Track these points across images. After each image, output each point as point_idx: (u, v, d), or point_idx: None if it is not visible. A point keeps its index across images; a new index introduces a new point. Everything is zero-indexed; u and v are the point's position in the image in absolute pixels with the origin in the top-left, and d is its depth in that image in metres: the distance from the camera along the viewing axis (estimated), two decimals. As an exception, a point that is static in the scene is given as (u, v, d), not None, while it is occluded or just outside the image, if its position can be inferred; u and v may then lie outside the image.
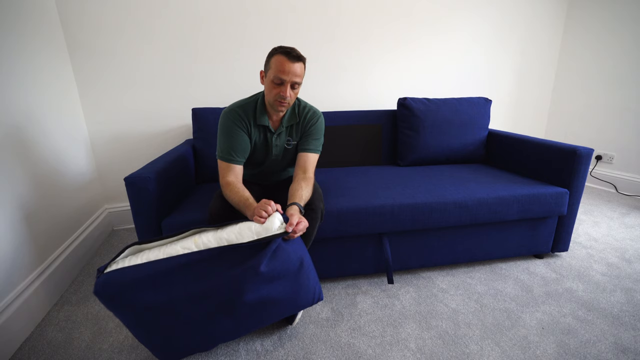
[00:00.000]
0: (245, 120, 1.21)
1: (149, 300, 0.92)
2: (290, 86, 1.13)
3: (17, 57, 1.35)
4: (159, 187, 1.24)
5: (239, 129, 1.20)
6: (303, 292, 1.05)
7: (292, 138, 1.30)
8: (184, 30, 1.91)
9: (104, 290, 0.91)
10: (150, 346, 1.00)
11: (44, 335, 1.20)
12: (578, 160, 1.47)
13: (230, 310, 0.97)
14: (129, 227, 2.12)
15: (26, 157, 1.34)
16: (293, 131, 1.29)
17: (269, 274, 0.96)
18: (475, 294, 1.38)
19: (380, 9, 2.17)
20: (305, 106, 1.30)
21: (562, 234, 1.59)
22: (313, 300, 1.10)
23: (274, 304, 1.01)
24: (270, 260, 0.96)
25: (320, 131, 1.31)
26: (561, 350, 1.08)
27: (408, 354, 1.08)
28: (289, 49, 1.11)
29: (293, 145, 1.31)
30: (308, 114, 1.29)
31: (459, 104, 1.96)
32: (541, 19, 2.56)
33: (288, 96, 1.12)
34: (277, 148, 1.29)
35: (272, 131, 1.26)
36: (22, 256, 1.25)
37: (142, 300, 0.92)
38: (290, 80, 1.11)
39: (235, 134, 1.20)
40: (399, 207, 1.35)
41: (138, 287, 0.92)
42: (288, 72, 1.10)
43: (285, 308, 1.04)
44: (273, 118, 1.25)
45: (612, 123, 2.52)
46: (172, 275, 0.94)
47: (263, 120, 1.22)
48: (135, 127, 1.99)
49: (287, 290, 1.02)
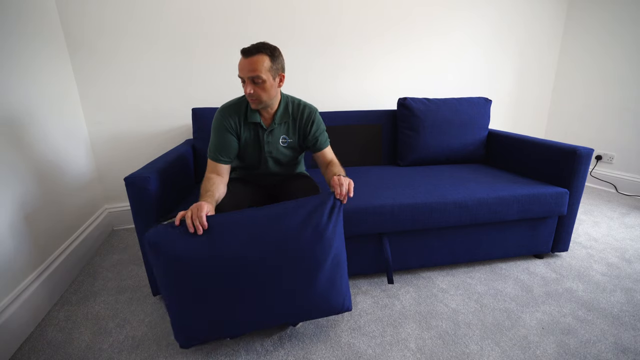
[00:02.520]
0: (234, 119, 1.23)
1: (192, 252, 0.93)
2: (251, 81, 1.11)
3: (18, 57, 1.35)
4: (159, 187, 1.24)
5: (226, 130, 1.23)
6: (335, 290, 1.06)
7: (289, 136, 1.30)
8: (184, 30, 1.92)
9: (154, 235, 0.93)
10: (177, 322, 0.98)
11: (44, 335, 1.20)
12: (578, 160, 1.47)
13: (271, 282, 0.97)
14: (129, 227, 2.12)
15: (26, 157, 1.34)
16: (289, 129, 1.29)
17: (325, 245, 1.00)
18: (475, 294, 1.38)
19: (380, 10, 2.17)
20: (300, 103, 1.30)
21: (562, 234, 1.59)
22: (342, 305, 1.09)
23: (309, 287, 1.01)
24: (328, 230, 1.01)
25: (321, 123, 1.32)
26: (561, 350, 1.08)
27: (408, 354, 1.08)
28: (248, 46, 1.10)
29: (289, 143, 1.31)
30: (304, 111, 1.28)
31: (459, 104, 1.96)
32: (541, 19, 2.56)
33: (249, 92, 1.11)
34: (270, 145, 1.28)
35: (264, 128, 1.26)
36: (22, 256, 1.25)
37: (184, 251, 0.92)
38: (247, 76, 1.10)
39: (222, 134, 1.23)
40: (399, 207, 1.35)
41: (185, 236, 0.94)
42: (243, 68, 1.10)
43: (315, 300, 1.03)
44: (265, 115, 1.26)
45: (612, 123, 2.52)
46: (223, 229, 0.96)
47: (254, 117, 1.23)
48: (135, 127, 1.99)
49: (323, 278, 1.02)
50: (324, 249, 1.01)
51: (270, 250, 0.97)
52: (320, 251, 1.00)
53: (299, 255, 0.99)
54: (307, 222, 1.00)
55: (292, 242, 0.98)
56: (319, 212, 1.02)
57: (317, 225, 1.00)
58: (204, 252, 0.94)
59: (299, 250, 0.99)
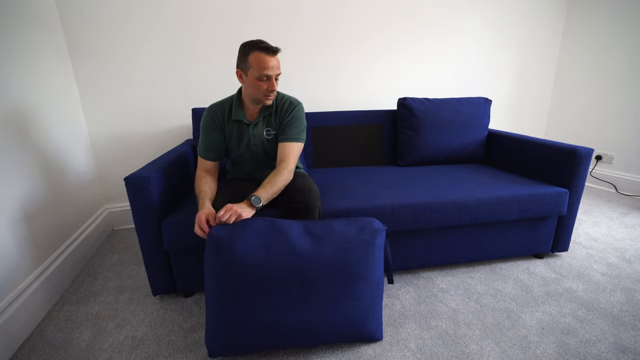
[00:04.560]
0: (219, 118, 1.29)
1: (250, 253, 0.95)
2: (275, 78, 1.18)
3: (17, 57, 1.35)
4: (158, 187, 1.24)
5: (213, 128, 1.29)
6: (373, 312, 1.06)
7: (272, 128, 1.32)
8: (184, 30, 1.91)
9: (216, 230, 0.97)
10: (217, 327, 0.97)
11: (44, 335, 1.20)
12: (578, 160, 1.47)
13: (317, 291, 0.98)
14: (129, 227, 2.12)
15: (26, 157, 1.34)
16: (272, 121, 1.31)
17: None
18: (475, 294, 1.38)
19: (380, 10, 2.17)
20: (283, 97, 1.32)
21: (562, 234, 1.59)
22: (376, 331, 1.09)
23: (354, 300, 1.01)
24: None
25: (299, 119, 1.29)
26: (561, 350, 1.09)
27: (408, 354, 1.08)
28: (264, 44, 1.13)
29: (273, 135, 1.32)
30: (285, 103, 1.31)
31: (459, 104, 1.96)
32: (541, 19, 2.56)
33: (274, 89, 1.18)
34: (256, 138, 1.30)
35: (248, 123, 1.29)
36: (22, 256, 1.25)
37: (242, 251, 0.95)
38: (275, 74, 1.16)
39: (210, 132, 1.29)
40: (399, 207, 1.35)
41: (244, 236, 0.97)
42: (272, 67, 1.14)
43: (354, 318, 1.03)
44: (250, 111, 1.29)
45: (612, 123, 2.52)
46: (279, 233, 0.99)
47: (238, 115, 1.27)
48: (135, 127, 1.99)
49: (367, 294, 1.03)
50: (369, 264, 1.02)
51: (321, 257, 0.98)
52: (365, 264, 1.02)
53: (347, 264, 1.00)
54: (359, 236, 1.03)
55: (343, 250, 1.00)
56: (368, 229, 1.05)
57: (366, 240, 1.03)
58: (260, 253, 0.96)
59: (347, 259, 1.00)
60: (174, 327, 1.23)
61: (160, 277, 1.32)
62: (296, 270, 0.96)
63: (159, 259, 1.29)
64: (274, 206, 1.32)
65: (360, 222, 1.07)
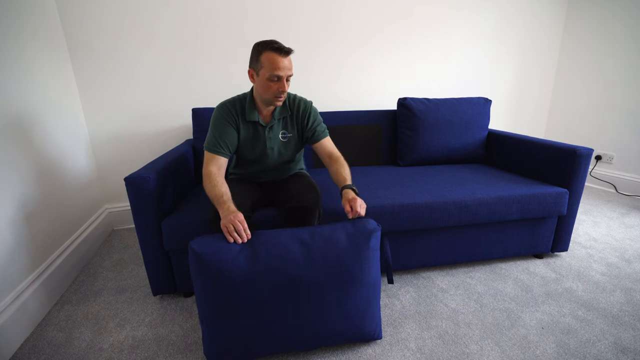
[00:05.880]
0: (234, 116, 1.25)
1: (236, 265, 0.94)
2: (286, 79, 1.17)
3: (17, 57, 1.35)
4: (159, 187, 1.24)
5: (227, 123, 1.24)
6: (370, 312, 1.06)
7: (288, 131, 1.32)
8: (184, 30, 1.91)
9: (199, 245, 0.96)
10: (212, 336, 0.98)
11: (44, 335, 1.20)
12: (578, 160, 1.47)
13: (308, 297, 0.97)
14: (129, 227, 2.12)
15: (27, 157, 1.34)
16: (288, 124, 1.31)
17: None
18: (475, 294, 1.38)
19: (380, 10, 2.17)
20: (295, 97, 1.32)
21: (561, 234, 1.59)
22: (375, 331, 1.09)
23: (349, 303, 1.01)
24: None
25: (318, 115, 1.34)
26: (561, 350, 1.09)
27: (408, 354, 1.08)
28: (276, 44, 1.12)
29: (289, 138, 1.32)
30: (300, 105, 1.31)
31: (458, 104, 1.96)
32: (541, 18, 2.56)
33: (285, 90, 1.17)
34: (272, 141, 1.30)
35: (264, 125, 1.27)
36: (23, 256, 1.25)
37: (228, 264, 0.94)
38: (286, 75, 1.15)
39: (224, 127, 1.24)
40: (399, 207, 1.35)
41: (229, 249, 0.96)
42: (283, 67, 1.12)
43: (349, 320, 1.03)
44: (263, 113, 1.27)
45: (612, 123, 2.52)
46: (266, 243, 0.99)
47: (252, 116, 1.25)
48: (135, 127, 1.99)
49: (362, 296, 1.03)
50: (363, 266, 1.02)
51: (311, 265, 0.98)
52: (359, 268, 1.01)
53: (339, 270, 0.99)
54: (349, 240, 1.02)
55: (334, 256, 0.99)
56: (360, 232, 1.05)
57: (357, 244, 1.02)
58: (247, 265, 0.95)
59: (339, 265, 0.99)
60: (174, 327, 1.23)
61: (160, 277, 1.32)
62: (286, 279, 0.96)
63: (159, 259, 1.29)
64: (274, 206, 1.32)
65: (353, 224, 1.07)
